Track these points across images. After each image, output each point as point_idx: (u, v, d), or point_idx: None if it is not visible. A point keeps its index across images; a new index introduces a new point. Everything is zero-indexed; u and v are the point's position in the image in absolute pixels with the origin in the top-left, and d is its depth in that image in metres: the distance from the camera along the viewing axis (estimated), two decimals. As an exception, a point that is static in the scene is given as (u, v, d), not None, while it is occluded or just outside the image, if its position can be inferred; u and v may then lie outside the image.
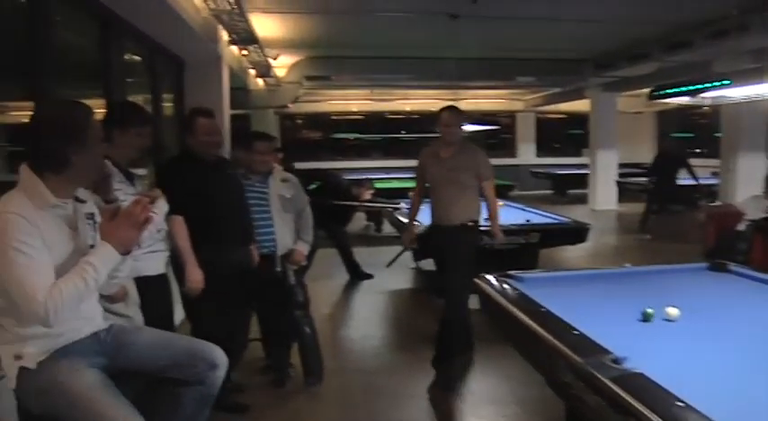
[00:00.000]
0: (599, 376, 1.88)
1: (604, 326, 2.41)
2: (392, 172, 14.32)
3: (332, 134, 17.99)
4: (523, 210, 7.33)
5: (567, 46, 9.95)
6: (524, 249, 5.87)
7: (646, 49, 9.27)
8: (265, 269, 4.05)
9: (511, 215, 6.79)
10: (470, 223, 4.50)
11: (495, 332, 3.34)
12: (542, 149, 19.16)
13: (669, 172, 10.22)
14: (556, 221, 6.30)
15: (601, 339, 2.20)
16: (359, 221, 11.17)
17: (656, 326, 2.59)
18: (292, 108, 13.78)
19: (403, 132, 17.51)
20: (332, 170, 8.95)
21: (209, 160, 3.64)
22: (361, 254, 7.72)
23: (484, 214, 4.67)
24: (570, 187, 16.45)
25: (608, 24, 8.11)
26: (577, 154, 18.68)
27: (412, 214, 4.97)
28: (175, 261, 3.42)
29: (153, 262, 3.07)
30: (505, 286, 3.31)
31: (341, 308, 6.49)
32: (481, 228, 4.69)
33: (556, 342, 2.27)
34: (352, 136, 18.01)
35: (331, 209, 7.05)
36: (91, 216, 2.23)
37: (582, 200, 15.06)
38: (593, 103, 14.38)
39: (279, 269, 4.10)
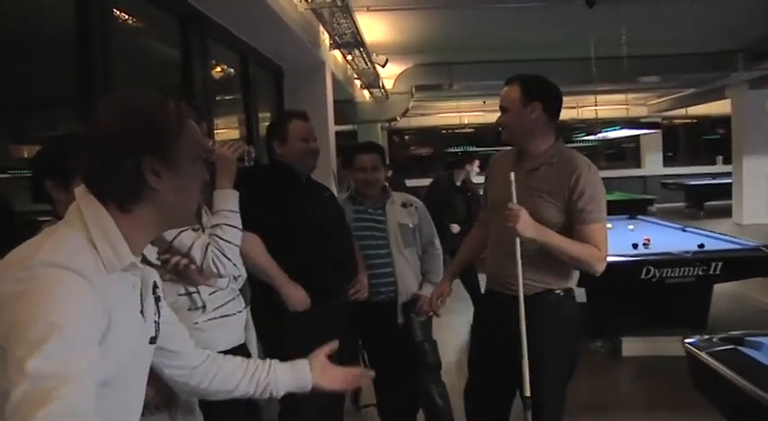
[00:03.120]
0: None
1: None
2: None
3: (442, 149, 17.11)
4: (683, 230, 6.06)
5: (713, 35, 8.54)
6: (699, 283, 4.66)
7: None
8: (383, 321, 3.16)
9: (674, 238, 5.58)
10: (558, 291, 2.46)
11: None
12: (670, 158, 17.46)
13: None
14: (740, 247, 5.01)
15: None
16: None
17: None
18: (400, 122, 12.98)
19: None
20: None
21: (304, 175, 2.87)
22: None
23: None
24: (707, 199, 14.69)
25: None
26: (711, 162, 17.00)
27: (456, 260, 3.00)
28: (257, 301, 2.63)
29: (226, 330, 2.14)
30: (745, 360, 2.24)
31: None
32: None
33: None
34: (460, 149, 17.13)
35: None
36: (154, 287, 1.31)
37: (724, 213, 13.35)
38: (735, 104, 12.67)
39: (400, 321, 3.16)
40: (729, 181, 13.23)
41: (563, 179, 2.38)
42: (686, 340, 2.54)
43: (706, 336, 2.49)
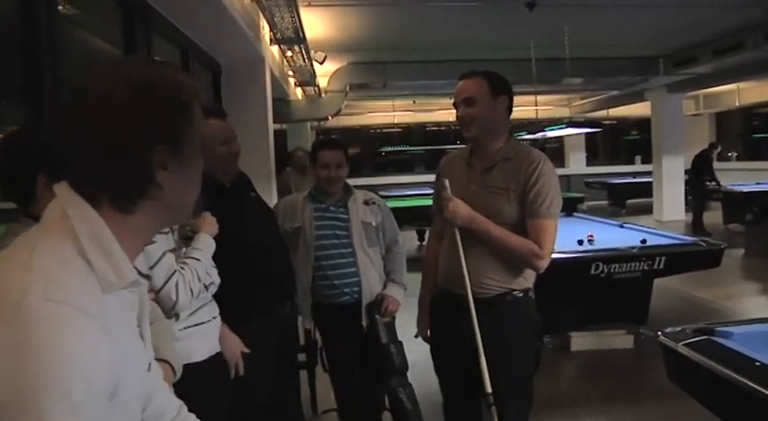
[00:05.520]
0: None
1: None
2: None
3: (371, 148, 17.10)
4: (621, 226, 6.22)
5: (644, 40, 8.85)
6: (643, 278, 4.78)
7: (741, 38, 8.16)
8: (346, 323, 3.06)
9: (615, 234, 5.71)
10: (516, 293, 2.36)
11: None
12: (593, 157, 18.14)
13: (697, 173, 11.20)
14: (681, 242, 5.16)
15: None
16: (411, 241, 10.14)
17: None
18: (329, 122, 12.86)
19: (459, 144, 16.57)
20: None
21: (226, 181, 2.56)
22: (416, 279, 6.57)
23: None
24: (629, 197, 15.28)
25: (704, 10, 7.04)
26: (630, 161, 17.72)
27: (425, 286, 2.75)
28: None
29: (202, 338, 2.02)
30: (720, 349, 2.27)
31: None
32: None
33: None
34: (387, 149, 17.18)
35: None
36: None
37: (645, 210, 13.90)
38: (655, 107, 13.25)
39: (365, 323, 3.06)
40: (649, 180, 13.79)
41: (520, 172, 2.30)
42: (659, 332, 2.56)
43: (678, 328, 2.51)
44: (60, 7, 2.81)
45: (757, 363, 2.05)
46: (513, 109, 2.47)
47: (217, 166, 2.42)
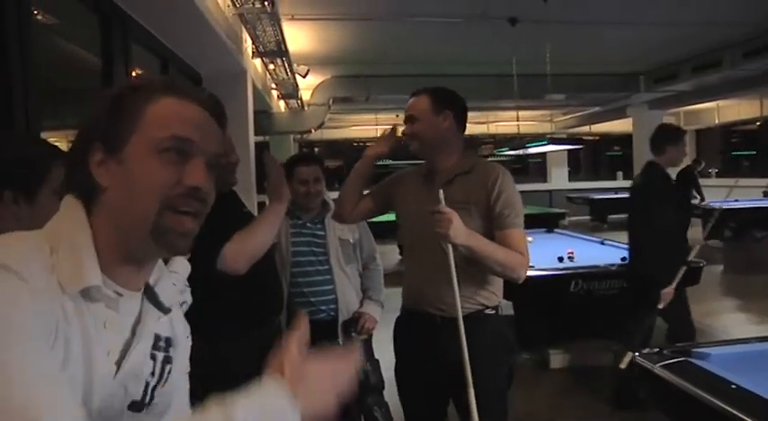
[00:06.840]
0: None
1: None
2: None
3: (355, 161, 17.09)
4: (602, 243, 6.23)
5: (625, 56, 8.94)
6: (622, 295, 4.77)
7: (719, 55, 8.27)
8: (322, 341, 3.01)
9: (595, 251, 5.72)
10: (488, 311, 2.36)
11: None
12: (575, 173, 18.24)
13: (685, 189, 10.90)
14: (661, 260, 5.16)
15: None
16: (391, 255, 10.10)
17: None
18: (312, 135, 12.83)
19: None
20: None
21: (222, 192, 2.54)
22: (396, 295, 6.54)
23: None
24: (611, 212, 15.35)
25: (684, 29, 7.12)
26: (612, 177, 17.81)
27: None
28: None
29: None
30: (697, 371, 2.25)
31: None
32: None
33: None
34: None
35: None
36: (165, 344, 1.02)
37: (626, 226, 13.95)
38: (636, 123, 13.33)
39: (340, 341, 3.03)
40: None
41: (482, 185, 2.28)
42: (636, 353, 2.54)
43: (656, 350, 2.50)
44: (39, 17, 2.77)
45: (733, 386, 2.04)
46: (497, 124, 2.47)
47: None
